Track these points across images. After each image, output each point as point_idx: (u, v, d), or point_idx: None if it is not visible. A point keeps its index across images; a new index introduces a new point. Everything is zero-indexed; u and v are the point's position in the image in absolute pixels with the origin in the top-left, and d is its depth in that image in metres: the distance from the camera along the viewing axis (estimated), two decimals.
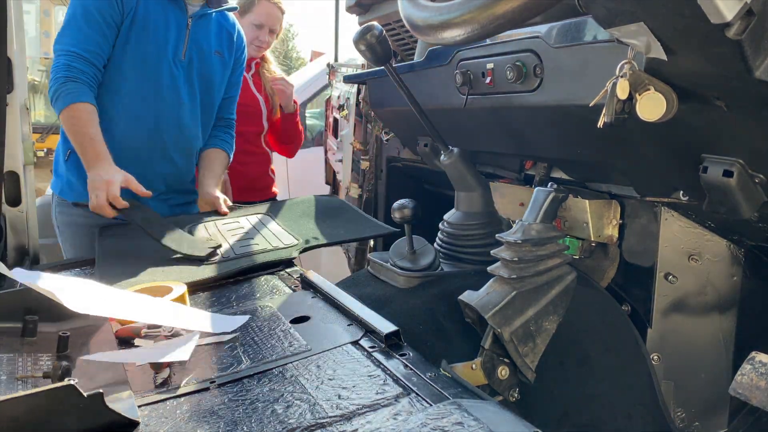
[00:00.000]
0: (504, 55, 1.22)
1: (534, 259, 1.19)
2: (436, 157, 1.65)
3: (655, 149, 1.05)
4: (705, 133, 0.93)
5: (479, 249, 1.47)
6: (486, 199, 1.50)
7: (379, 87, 1.83)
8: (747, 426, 1.26)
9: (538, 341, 1.18)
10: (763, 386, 0.83)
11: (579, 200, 1.29)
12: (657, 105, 0.84)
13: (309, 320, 1.14)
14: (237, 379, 0.92)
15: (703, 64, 0.76)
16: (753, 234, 1.15)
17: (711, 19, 0.65)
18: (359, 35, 1.41)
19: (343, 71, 2.87)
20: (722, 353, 1.26)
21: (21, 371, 0.93)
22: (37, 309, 1.10)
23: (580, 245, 1.36)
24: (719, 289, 1.24)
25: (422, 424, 0.73)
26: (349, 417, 0.79)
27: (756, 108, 0.80)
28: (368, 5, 1.96)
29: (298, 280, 1.38)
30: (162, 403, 0.84)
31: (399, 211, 1.41)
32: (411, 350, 0.97)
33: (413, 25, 0.97)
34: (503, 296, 1.17)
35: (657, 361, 1.24)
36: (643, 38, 0.76)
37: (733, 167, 0.91)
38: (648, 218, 1.26)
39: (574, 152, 1.25)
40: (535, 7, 0.77)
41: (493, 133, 1.46)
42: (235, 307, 1.24)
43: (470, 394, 0.84)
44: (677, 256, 1.23)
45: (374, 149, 2.20)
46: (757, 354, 0.87)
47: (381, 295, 1.36)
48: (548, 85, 1.12)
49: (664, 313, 1.24)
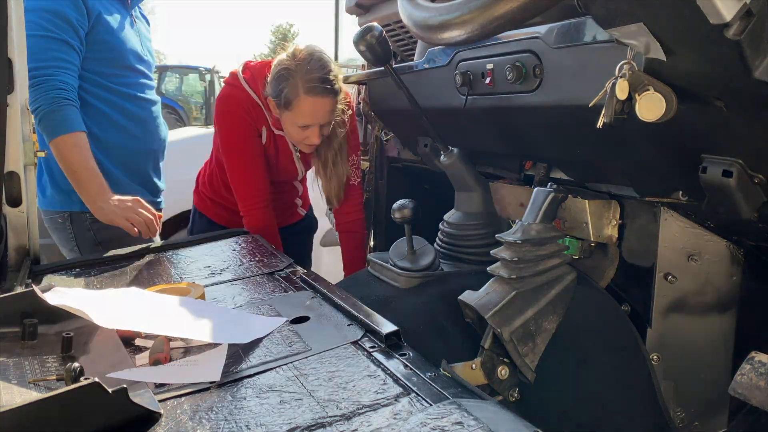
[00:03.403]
0: (504, 55, 1.22)
1: (534, 259, 1.19)
2: (436, 158, 1.65)
3: (654, 149, 1.05)
4: (704, 133, 0.93)
5: (479, 249, 1.47)
6: (486, 200, 1.51)
7: (379, 87, 1.83)
8: (747, 426, 1.26)
9: (537, 341, 1.18)
10: (763, 386, 0.83)
11: (579, 200, 1.29)
12: (656, 105, 0.84)
13: (309, 320, 1.14)
14: (237, 379, 0.92)
15: (703, 64, 0.76)
16: (753, 234, 1.15)
17: (710, 19, 0.65)
18: (359, 36, 1.41)
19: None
20: (722, 353, 1.26)
21: (30, 375, 0.93)
22: (34, 312, 1.10)
23: (579, 245, 1.36)
24: (719, 289, 1.24)
25: (422, 424, 0.73)
26: (349, 417, 0.79)
27: (755, 108, 0.80)
28: (368, 6, 1.96)
29: (298, 280, 1.38)
30: (162, 404, 0.85)
31: (399, 211, 1.41)
32: (411, 350, 0.98)
33: (413, 25, 0.97)
34: (503, 296, 1.17)
35: (657, 361, 1.24)
36: (642, 39, 0.76)
37: (732, 167, 0.92)
38: (648, 218, 1.26)
39: (573, 152, 1.25)
40: (535, 8, 0.77)
41: (493, 134, 1.47)
42: (236, 308, 1.25)
43: (470, 394, 0.84)
44: (677, 256, 1.23)
45: (374, 149, 2.20)
46: (757, 354, 0.87)
47: (381, 295, 1.36)
48: (548, 85, 1.12)
49: (663, 313, 1.24)
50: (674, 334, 1.25)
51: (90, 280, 1.49)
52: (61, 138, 1.71)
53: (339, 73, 1.82)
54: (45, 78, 1.71)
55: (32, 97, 1.69)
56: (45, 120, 1.71)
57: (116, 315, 1.08)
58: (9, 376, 0.92)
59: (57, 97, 1.71)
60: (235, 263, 1.59)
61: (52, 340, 1.06)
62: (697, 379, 1.26)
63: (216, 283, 1.42)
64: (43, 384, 0.91)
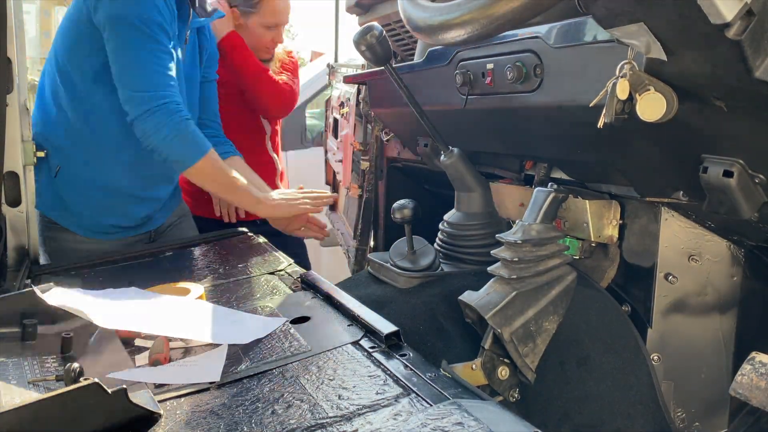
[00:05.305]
0: (504, 55, 1.22)
1: (534, 259, 1.19)
2: (436, 158, 1.65)
3: (655, 149, 1.05)
4: (705, 133, 0.93)
5: (479, 249, 1.47)
6: (486, 200, 1.50)
7: (379, 87, 1.83)
8: (747, 426, 1.26)
9: (538, 341, 1.18)
10: (763, 386, 0.83)
11: (579, 200, 1.29)
12: (657, 105, 0.84)
13: (309, 320, 1.14)
14: (237, 380, 0.92)
15: (703, 64, 0.76)
16: (753, 234, 1.15)
17: (711, 19, 0.65)
18: (359, 36, 1.41)
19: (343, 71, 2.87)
20: (722, 353, 1.26)
21: (30, 375, 0.93)
22: (33, 312, 1.10)
23: (580, 245, 1.36)
24: (719, 289, 1.24)
25: (422, 425, 0.73)
26: (349, 417, 0.79)
27: (756, 108, 0.80)
28: (368, 5, 1.96)
29: (298, 280, 1.38)
30: (162, 404, 0.84)
31: (399, 211, 1.41)
32: (411, 350, 0.98)
33: (413, 25, 0.97)
34: (503, 296, 1.16)
35: (657, 361, 1.24)
36: (643, 38, 0.76)
37: (733, 167, 0.91)
38: (648, 218, 1.26)
39: (574, 152, 1.25)
40: (536, 8, 0.77)
41: (493, 134, 1.46)
42: (236, 308, 1.24)
43: (470, 395, 0.84)
44: (677, 257, 1.22)
45: (374, 149, 2.20)
46: (757, 354, 0.87)
47: (381, 296, 1.36)
48: (548, 85, 1.12)
49: (664, 313, 1.24)
50: (674, 334, 1.25)
51: (90, 280, 1.48)
52: (202, 161, 1.58)
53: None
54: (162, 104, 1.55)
55: (149, 123, 1.54)
56: (175, 147, 1.56)
57: (116, 315, 1.08)
58: (8, 377, 0.92)
59: (180, 120, 1.56)
60: (234, 263, 1.59)
61: (52, 340, 1.06)
62: (698, 380, 1.26)
63: (216, 283, 1.42)
64: (42, 384, 0.91)
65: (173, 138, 1.55)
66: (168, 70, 1.56)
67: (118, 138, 1.66)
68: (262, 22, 1.95)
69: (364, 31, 1.41)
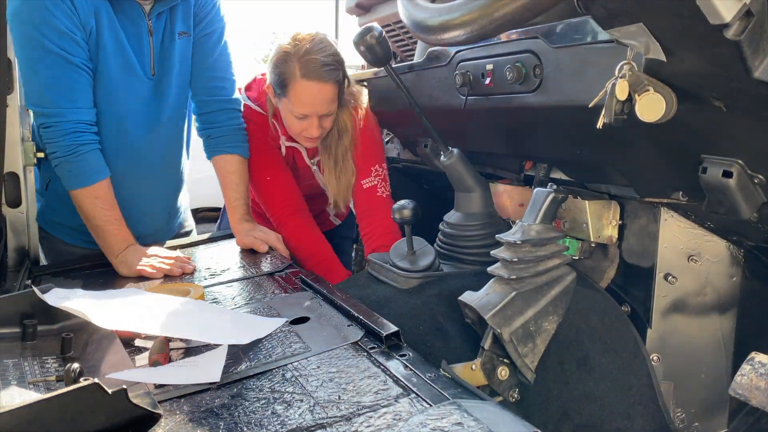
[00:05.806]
0: (503, 55, 1.22)
1: (534, 259, 1.19)
2: (436, 158, 1.65)
3: (654, 150, 1.05)
4: (704, 133, 0.93)
5: (479, 249, 1.47)
6: (486, 200, 1.50)
7: (379, 87, 1.83)
8: (747, 426, 1.26)
9: (537, 341, 1.18)
10: (763, 386, 0.83)
11: (579, 201, 1.29)
12: (656, 106, 0.84)
13: (309, 320, 1.14)
14: (237, 380, 0.92)
15: (702, 64, 0.76)
16: (752, 235, 1.15)
17: (710, 19, 0.65)
18: (359, 36, 1.41)
19: None
20: (722, 353, 1.26)
21: (30, 375, 0.93)
22: (33, 312, 1.10)
23: (579, 246, 1.36)
24: (719, 289, 1.24)
25: (422, 425, 0.73)
26: (349, 417, 0.79)
27: (755, 108, 0.80)
28: (368, 6, 1.96)
29: (298, 281, 1.38)
30: (161, 404, 0.85)
31: (399, 212, 1.41)
32: (411, 351, 0.98)
33: (413, 26, 0.97)
34: (503, 297, 1.16)
35: (657, 361, 1.24)
36: (642, 39, 0.76)
37: (732, 168, 0.92)
38: (648, 219, 1.26)
39: (573, 153, 1.25)
40: (535, 8, 0.77)
41: (493, 134, 1.47)
42: (236, 308, 1.25)
43: (470, 395, 0.84)
44: (677, 257, 1.23)
45: None
46: (757, 354, 0.87)
47: (381, 296, 1.36)
48: (548, 85, 1.12)
49: (663, 313, 1.24)
50: (674, 334, 1.25)
51: (90, 280, 1.49)
52: (79, 191, 1.54)
53: (344, 59, 1.68)
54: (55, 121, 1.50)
55: (45, 138, 1.53)
56: (61, 168, 1.54)
57: (116, 316, 1.08)
58: (8, 377, 0.92)
59: (72, 144, 1.51)
60: (234, 264, 1.59)
61: (52, 340, 1.07)
62: (697, 380, 1.26)
63: (216, 283, 1.42)
64: (42, 385, 0.91)
65: (59, 160, 1.53)
66: (71, 85, 1.49)
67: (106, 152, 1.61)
68: (290, 109, 1.65)
69: (364, 32, 1.41)
